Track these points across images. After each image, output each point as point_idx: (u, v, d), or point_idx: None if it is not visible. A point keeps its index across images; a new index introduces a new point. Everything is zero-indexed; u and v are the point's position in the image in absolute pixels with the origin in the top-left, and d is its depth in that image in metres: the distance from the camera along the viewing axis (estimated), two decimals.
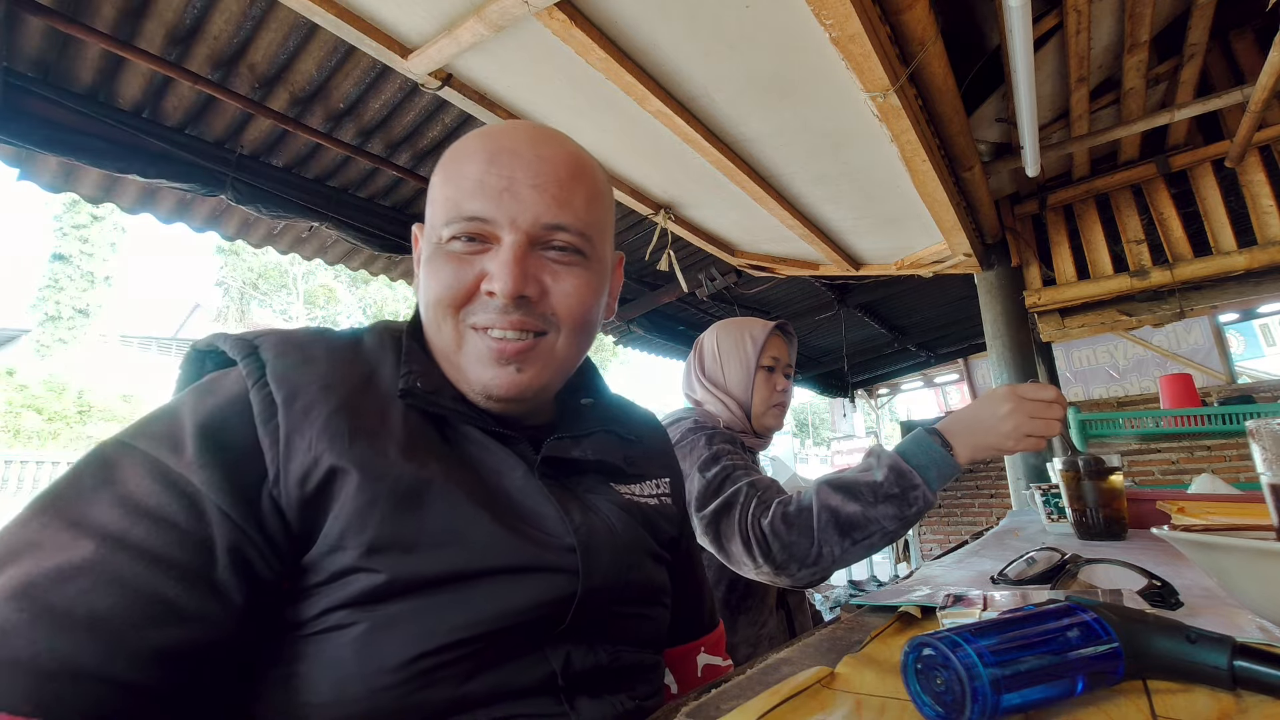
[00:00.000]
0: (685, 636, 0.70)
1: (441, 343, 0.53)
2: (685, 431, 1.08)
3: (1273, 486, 0.50)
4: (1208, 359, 4.79)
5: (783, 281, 3.37)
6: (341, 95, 2.01)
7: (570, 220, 0.52)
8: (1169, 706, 0.37)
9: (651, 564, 0.59)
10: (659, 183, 2.19)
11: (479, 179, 0.51)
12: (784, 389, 1.23)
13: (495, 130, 0.55)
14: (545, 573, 0.48)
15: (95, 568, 0.37)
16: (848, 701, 0.40)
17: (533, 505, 0.51)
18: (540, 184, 0.52)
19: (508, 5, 1.26)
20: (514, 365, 0.52)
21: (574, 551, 0.50)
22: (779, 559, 0.88)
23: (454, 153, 0.54)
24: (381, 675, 0.41)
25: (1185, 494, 1.22)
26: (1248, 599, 0.49)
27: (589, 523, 0.53)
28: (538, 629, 0.48)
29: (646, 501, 0.62)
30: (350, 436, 0.45)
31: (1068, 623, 0.39)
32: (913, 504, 0.84)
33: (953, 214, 2.15)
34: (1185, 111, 2.13)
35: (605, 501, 0.57)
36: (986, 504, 6.02)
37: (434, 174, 0.55)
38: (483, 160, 0.52)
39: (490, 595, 0.45)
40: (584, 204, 0.54)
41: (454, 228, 0.51)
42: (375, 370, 0.52)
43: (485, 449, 0.52)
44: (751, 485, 0.96)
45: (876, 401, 9.23)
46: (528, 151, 0.52)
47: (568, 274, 0.53)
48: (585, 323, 0.55)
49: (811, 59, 1.45)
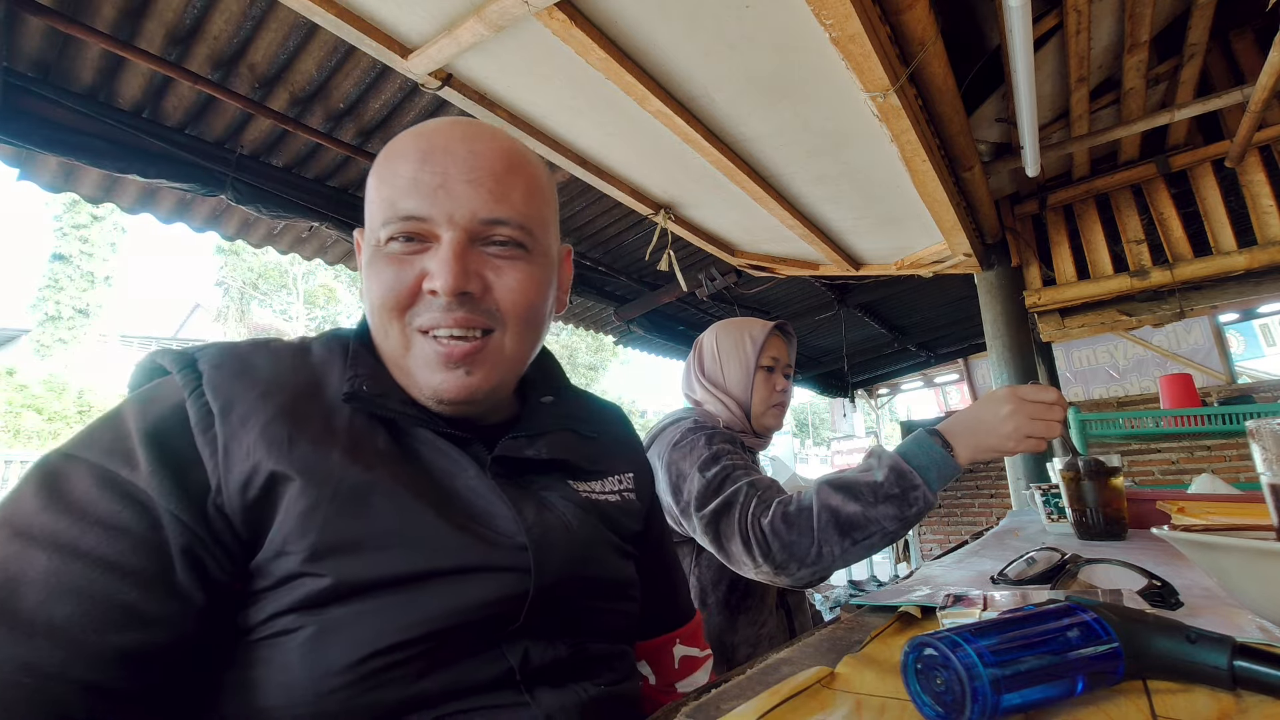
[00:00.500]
0: (659, 629, 0.69)
1: (389, 347, 0.53)
2: (685, 431, 1.08)
3: (1273, 486, 0.50)
4: (1208, 359, 4.79)
5: (783, 281, 3.37)
6: (341, 95, 2.01)
7: (508, 214, 0.51)
8: (1169, 706, 0.37)
9: (615, 558, 0.59)
10: (659, 183, 2.19)
11: (413, 177, 0.50)
12: (783, 389, 1.23)
13: (428, 128, 0.54)
14: (495, 572, 0.48)
15: (49, 578, 0.37)
16: (848, 701, 0.40)
17: (484, 505, 0.50)
18: (475, 179, 0.51)
19: (508, 5, 1.26)
20: (463, 368, 0.51)
21: (525, 550, 0.49)
22: (779, 558, 0.89)
23: (387, 153, 0.53)
24: (329, 678, 0.41)
25: (1185, 494, 1.22)
26: (1248, 599, 0.49)
27: (543, 520, 0.52)
28: (491, 627, 0.47)
29: (607, 498, 0.61)
30: (290, 442, 0.45)
31: (1068, 623, 0.39)
32: (913, 504, 0.84)
33: (953, 214, 2.15)
34: (1185, 111, 2.13)
35: (561, 499, 0.56)
36: (986, 504, 6.02)
37: (369, 175, 0.54)
38: (416, 159, 0.51)
39: (439, 595, 0.45)
40: (521, 197, 0.53)
41: (391, 228, 0.50)
42: (322, 377, 0.51)
43: (437, 451, 0.52)
44: (751, 485, 0.96)
45: (876, 401, 9.22)
46: (461, 148, 0.51)
47: (510, 268, 0.52)
48: (532, 317, 0.54)
49: (811, 59, 1.45)
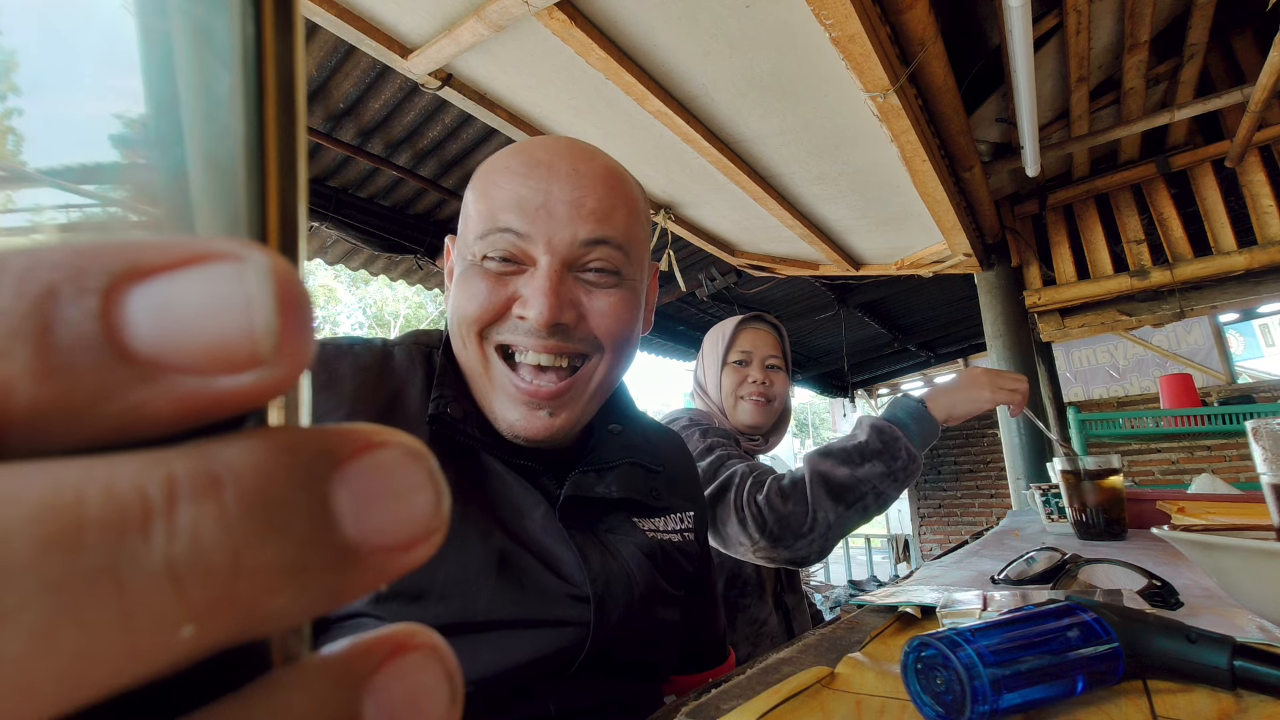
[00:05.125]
0: (696, 667, 0.69)
1: (468, 361, 0.52)
2: (680, 428, 1.09)
3: (1273, 486, 0.50)
4: (1208, 359, 4.79)
5: (783, 281, 3.37)
6: (341, 95, 2.01)
7: (608, 234, 0.50)
8: (1169, 706, 0.37)
9: (661, 607, 0.57)
10: (659, 183, 2.19)
11: (514, 193, 0.49)
12: (758, 381, 1.17)
13: (531, 144, 0.53)
14: (554, 626, 0.47)
15: None
16: (848, 701, 0.40)
17: (550, 547, 0.49)
18: (576, 199, 0.49)
19: (508, 5, 1.26)
20: (546, 410, 0.50)
21: (588, 602, 0.48)
22: (775, 531, 0.89)
23: (489, 167, 0.52)
24: None
25: (1185, 494, 1.22)
26: (1248, 599, 0.49)
27: (607, 570, 0.51)
28: (539, 675, 0.47)
29: (669, 538, 0.60)
30: None
31: (1068, 623, 0.39)
32: (897, 457, 0.87)
33: (953, 214, 2.15)
34: (1185, 111, 2.13)
35: (627, 542, 0.55)
36: (986, 504, 6.02)
37: (467, 189, 0.54)
38: (518, 173, 0.50)
39: (494, 647, 0.44)
40: (621, 219, 0.52)
41: (488, 244, 0.49)
42: (403, 389, 0.51)
43: (506, 484, 0.51)
44: (748, 467, 0.97)
45: (876, 402, 9.22)
46: (564, 165, 0.50)
47: (605, 295, 0.51)
48: (625, 344, 0.53)
49: (811, 59, 1.45)
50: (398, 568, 0.09)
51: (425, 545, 0.09)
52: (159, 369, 0.08)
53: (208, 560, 0.08)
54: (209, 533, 0.08)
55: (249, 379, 0.08)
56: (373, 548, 0.09)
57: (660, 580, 0.57)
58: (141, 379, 0.08)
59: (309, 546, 0.08)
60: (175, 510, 0.08)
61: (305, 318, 0.09)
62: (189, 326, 0.08)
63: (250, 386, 0.08)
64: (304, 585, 0.08)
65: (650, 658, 0.55)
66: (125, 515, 0.07)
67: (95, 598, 0.07)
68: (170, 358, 0.08)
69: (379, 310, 18.98)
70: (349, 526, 0.09)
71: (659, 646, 0.56)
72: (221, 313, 0.08)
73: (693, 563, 0.63)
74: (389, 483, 0.09)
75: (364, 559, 0.09)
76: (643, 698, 0.55)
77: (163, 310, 0.08)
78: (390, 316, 18.09)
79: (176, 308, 0.08)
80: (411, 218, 2.66)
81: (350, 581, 0.09)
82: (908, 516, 6.57)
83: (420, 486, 0.09)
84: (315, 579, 0.09)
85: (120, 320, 0.08)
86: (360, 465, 0.09)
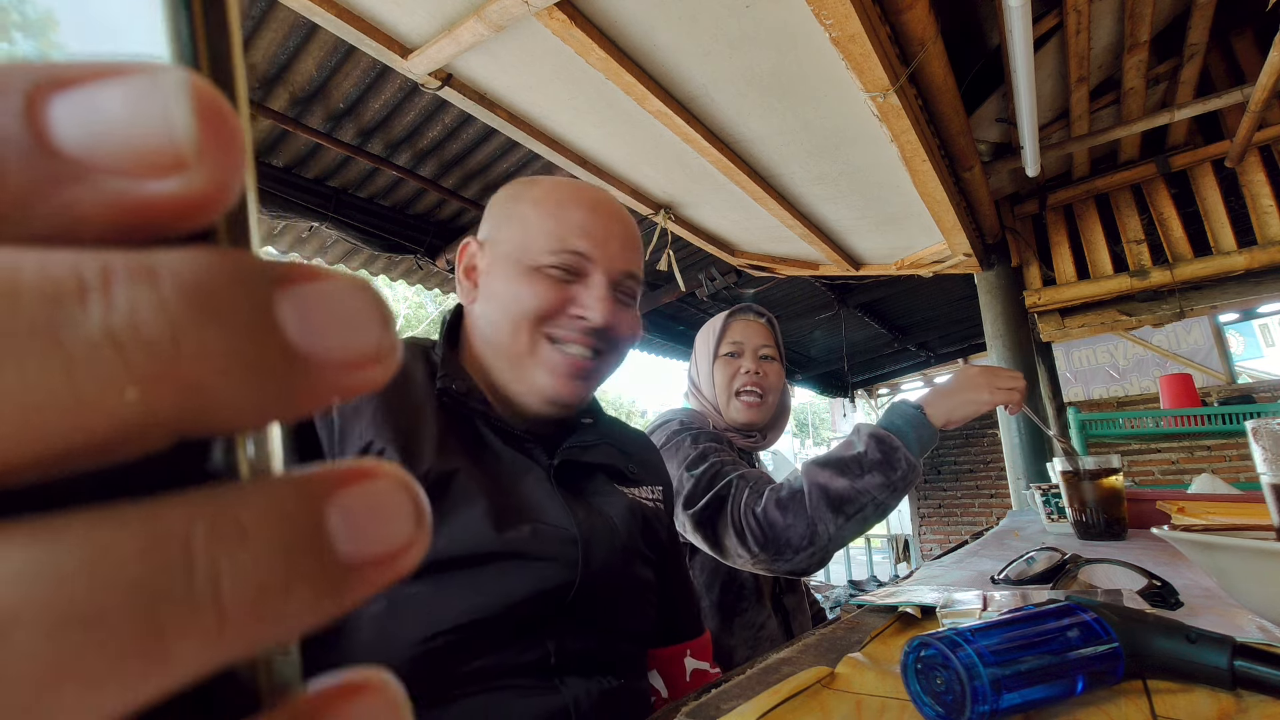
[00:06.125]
0: (672, 638, 0.73)
1: (514, 346, 0.61)
2: (671, 434, 1.07)
3: (1273, 486, 0.50)
4: (1208, 359, 4.79)
5: (783, 281, 3.37)
6: (341, 95, 2.01)
7: (637, 270, 0.66)
8: (1169, 706, 0.37)
9: (639, 563, 0.65)
10: (659, 183, 2.19)
11: (583, 224, 0.62)
12: (751, 372, 1.15)
13: (584, 188, 0.67)
14: (548, 561, 0.54)
15: None
16: (848, 701, 0.40)
17: (543, 500, 0.58)
18: (624, 240, 0.65)
19: (508, 5, 1.26)
20: (580, 379, 0.62)
21: (576, 544, 0.56)
22: (775, 545, 0.88)
23: (554, 194, 0.64)
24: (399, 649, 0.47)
25: (1185, 494, 1.22)
26: (1248, 599, 0.49)
27: (592, 520, 0.60)
28: (537, 614, 0.53)
29: (645, 502, 0.70)
30: (394, 430, 0.53)
31: (1068, 623, 0.39)
32: (896, 467, 0.86)
33: (953, 214, 2.15)
34: (1185, 111, 2.13)
35: (610, 501, 0.65)
36: (986, 504, 6.02)
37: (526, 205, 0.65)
38: (586, 209, 0.63)
39: (497, 578, 0.51)
40: (640, 260, 0.68)
41: (558, 257, 0.61)
42: (409, 374, 0.59)
43: (504, 450, 0.60)
44: (741, 478, 0.95)
45: (877, 402, 9.22)
46: (613, 210, 0.66)
47: (627, 311, 0.66)
48: (627, 350, 0.68)
49: (811, 59, 1.45)
50: (350, 384, 0.10)
51: (376, 367, 0.10)
52: (85, 169, 0.08)
53: (146, 334, 0.08)
54: (146, 312, 0.08)
55: (175, 184, 0.09)
56: (321, 358, 0.09)
57: (638, 539, 0.66)
58: (71, 178, 0.08)
59: (252, 341, 0.09)
60: (111, 289, 0.08)
61: (229, 130, 0.09)
62: (110, 128, 0.08)
63: (179, 193, 0.09)
64: (252, 377, 0.09)
65: (634, 611, 0.63)
66: (60, 287, 0.08)
67: (35, 350, 0.07)
68: (95, 158, 0.08)
69: None
70: (293, 331, 0.09)
71: (639, 601, 0.64)
72: (141, 115, 0.08)
73: (665, 531, 0.73)
74: (335, 305, 0.10)
75: (314, 367, 0.09)
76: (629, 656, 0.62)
77: (84, 113, 0.08)
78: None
79: (97, 111, 0.08)
80: (411, 218, 2.66)
81: (301, 384, 0.09)
82: (908, 517, 6.57)
83: (368, 316, 0.10)
84: (263, 373, 0.09)
85: (43, 119, 0.08)
86: (305, 288, 0.09)
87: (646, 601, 0.65)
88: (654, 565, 0.68)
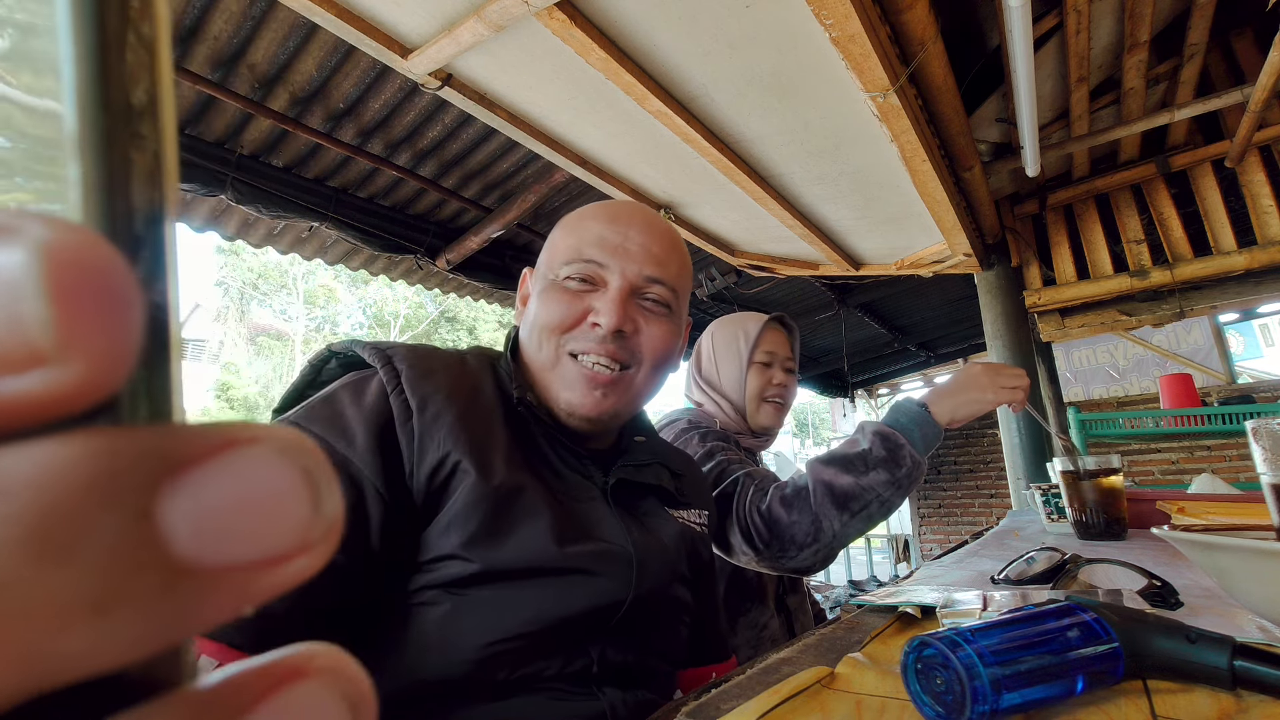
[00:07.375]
0: (702, 659, 0.74)
1: (540, 360, 0.62)
2: (679, 432, 1.07)
3: (1273, 486, 0.50)
4: (1208, 359, 4.79)
5: (783, 281, 3.37)
6: (341, 95, 2.01)
7: (665, 276, 0.63)
8: (1169, 706, 0.37)
9: (680, 584, 0.66)
10: (659, 183, 2.18)
11: (599, 234, 0.62)
12: (781, 384, 1.19)
13: (614, 203, 0.67)
14: (605, 577, 0.56)
15: None
16: (848, 701, 0.40)
17: (602, 519, 0.59)
18: (646, 244, 0.63)
19: (508, 5, 1.26)
20: (600, 391, 0.61)
21: (631, 564, 0.57)
22: (780, 542, 0.88)
23: (579, 214, 0.66)
24: (459, 651, 0.48)
25: (1185, 494, 1.22)
26: (1248, 599, 0.49)
27: (646, 540, 0.61)
28: (588, 626, 0.54)
29: (694, 526, 0.71)
30: (469, 441, 0.53)
31: (1068, 623, 0.39)
32: (901, 464, 0.86)
33: (953, 214, 2.15)
34: (1185, 111, 2.12)
35: (661, 523, 0.66)
36: (986, 504, 6.02)
37: (554, 230, 0.67)
38: (605, 220, 0.64)
39: (557, 592, 0.52)
40: (675, 269, 0.65)
41: (572, 268, 0.61)
42: (479, 383, 0.60)
43: (565, 464, 0.61)
44: (748, 476, 0.96)
45: (877, 401, 9.22)
46: (640, 219, 0.64)
47: (655, 321, 0.63)
48: (663, 363, 0.65)
49: (811, 59, 1.45)
50: (266, 586, 0.08)
51: (302, 557, 0.08)
52: None
53: None
54: None
55: (35, 380, 0.07)
56: (221, 567, 0.08)
57: (684, 561, 0.67)
58: None
59: (121, 572, 0.07)
60: None
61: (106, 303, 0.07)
62: None
63: (44, 390, 0.07)
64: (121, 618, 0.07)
65: (671, 630, 0.64)
66: None
67: None
68: None
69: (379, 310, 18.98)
70: (183, 544, 0.07)
71: (676, 621, 0.65)
72: None
73: (708, 553, 0.74)
74: (247, 488, 0.08)
75: (212, 582, 0.08)
76: (662, 674, 0.62)
77: None
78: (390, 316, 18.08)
79: None
80: (411, 218, 2.66)
81: (196, 608, 0.08)
82: (908, 516, 6.57)
83: (292, 496, 0.08)
84: (137, 610, 0.07)
85: None
86: (207, 470, 0.08)
87: (681, 622, 0.66)
88: (691, 587, 0.69)
